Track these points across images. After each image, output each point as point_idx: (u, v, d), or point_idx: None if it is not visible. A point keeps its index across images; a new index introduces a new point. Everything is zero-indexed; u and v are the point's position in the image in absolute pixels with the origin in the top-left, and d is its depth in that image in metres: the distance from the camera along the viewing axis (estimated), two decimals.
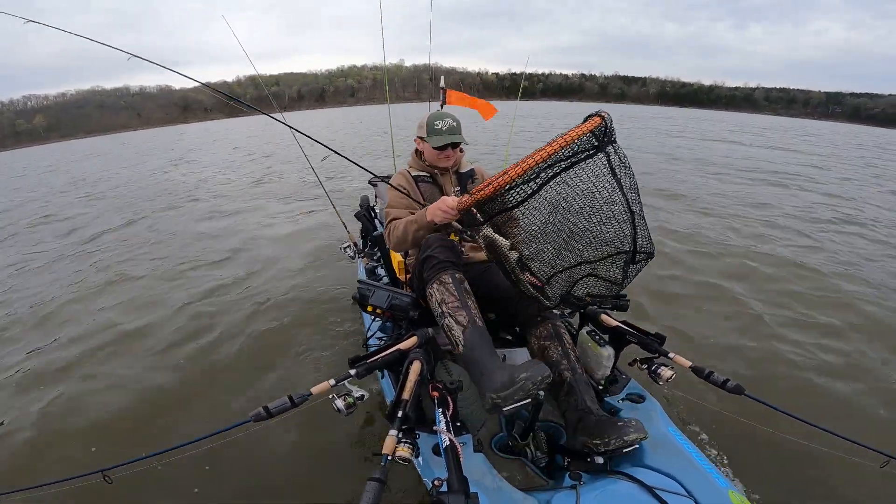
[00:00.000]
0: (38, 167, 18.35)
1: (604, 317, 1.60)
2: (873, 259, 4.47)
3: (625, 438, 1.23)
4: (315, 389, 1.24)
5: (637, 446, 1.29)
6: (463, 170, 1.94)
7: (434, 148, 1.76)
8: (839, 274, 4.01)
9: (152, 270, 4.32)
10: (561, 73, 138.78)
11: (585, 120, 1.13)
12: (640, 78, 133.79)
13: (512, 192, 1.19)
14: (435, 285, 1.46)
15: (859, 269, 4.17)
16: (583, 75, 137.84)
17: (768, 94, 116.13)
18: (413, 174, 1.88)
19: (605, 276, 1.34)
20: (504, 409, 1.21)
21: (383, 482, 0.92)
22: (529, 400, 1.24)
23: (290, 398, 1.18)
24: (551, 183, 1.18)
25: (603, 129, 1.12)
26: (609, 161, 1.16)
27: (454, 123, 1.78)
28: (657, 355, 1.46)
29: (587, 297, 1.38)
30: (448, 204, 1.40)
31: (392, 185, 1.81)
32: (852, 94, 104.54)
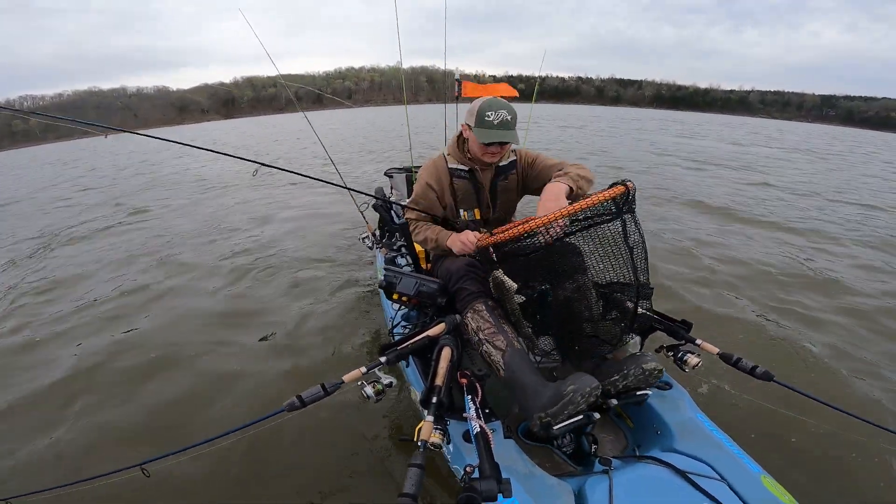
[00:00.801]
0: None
1: (629, 304, 1.61)
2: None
3: (643, 367, 1.24)
4: (347, 377, 1.25)
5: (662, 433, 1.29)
6: (503, 161, 1.73)
7: (480, 141, 1.59)
8: None
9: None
10: (558, 76, 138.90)
11: (610, 186, 1.22)
12: (636, 81, 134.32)
13: (528, 240, 1.29)
14: (469, 314, 1.44)
15: None
16: (579, 78, 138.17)
17: (763, 97, 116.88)
18: (450, 166, 1.73)
19: (601, 335, 1.38)
20: (555, 426, 1.18)
21: (423, 468, 0.93)
22: (581, 417, 1.20)
23: (323, 386, 1.19)
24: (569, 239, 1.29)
25: (624, 197, 1.21)
26: (624, 227, 1.24)
27: (508, 117, 1.55)
28: (684, 342, 1.47)
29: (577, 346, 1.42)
30: (469, 240, 1.48)
31: (413, 198, 1.76)
32: (846, 98, 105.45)
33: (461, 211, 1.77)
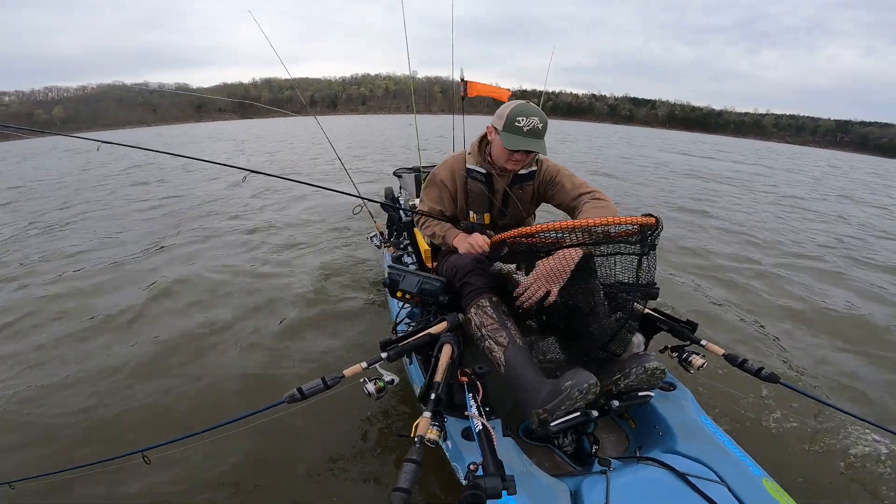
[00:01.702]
0: None
1: (636, 304, 1.60)
2: None
3: (646, 366, 1.22)
4: (347, 372, 1.26)
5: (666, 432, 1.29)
6: (524, 170, 1.68)
7: (506, 147, 1.52)
8: None
9: None
10: (571, 93, 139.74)
11: (642, 216, 1.18)
12: (649, 100, 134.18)
13: (540, 237, 1.27)
14: (473, 310, 1.43)
15: None
16: (593, 95, 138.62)
17: (778, 121, 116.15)
18: (468, 166, 1.69)
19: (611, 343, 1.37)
20: (551, 423, 1.15)
21: (420, 463, 0.94)
22: (578, 414, 1.18)
23: (324, 380, 1.21)
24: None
25: (651, 230, 1.16)
26: (639, 263, 1.22)
27: (539, 125, 1.49)
28: (688, 343, 1.45)
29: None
30: (479, 243, 1.47)
31: (426, 191, 1.79)
32: (862, 123, 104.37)
33: (471, 213, 1.77)
